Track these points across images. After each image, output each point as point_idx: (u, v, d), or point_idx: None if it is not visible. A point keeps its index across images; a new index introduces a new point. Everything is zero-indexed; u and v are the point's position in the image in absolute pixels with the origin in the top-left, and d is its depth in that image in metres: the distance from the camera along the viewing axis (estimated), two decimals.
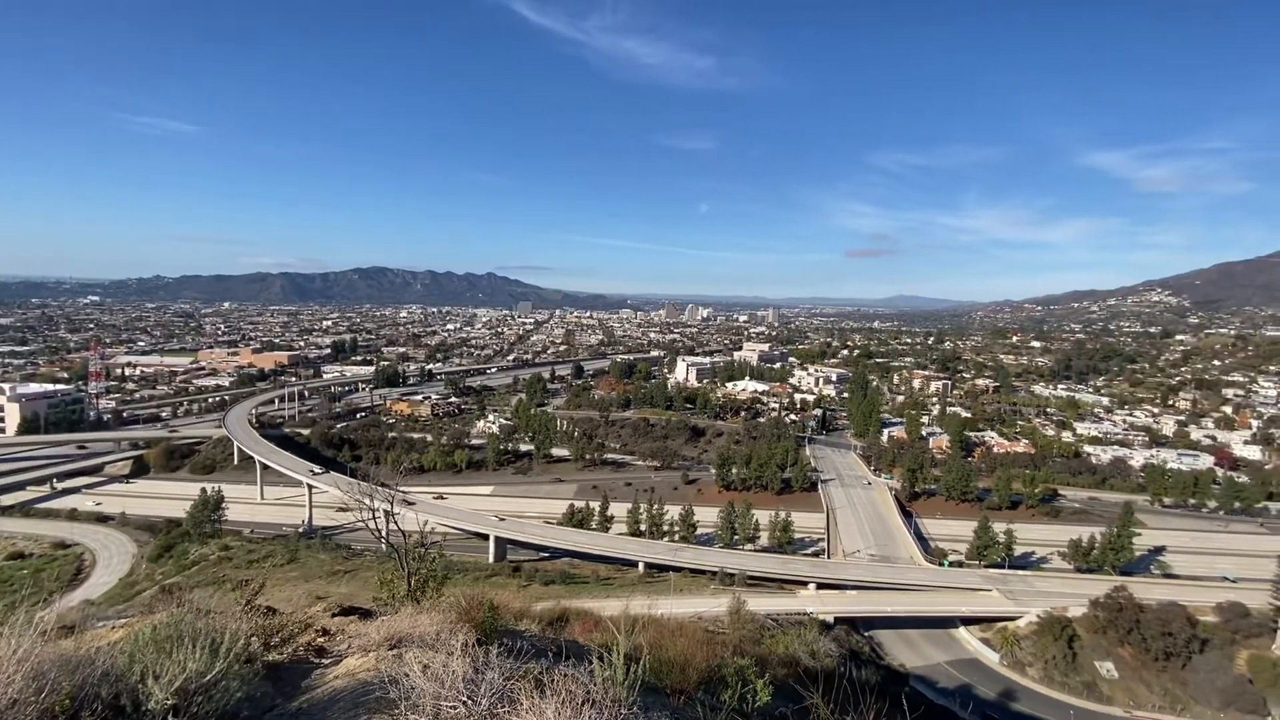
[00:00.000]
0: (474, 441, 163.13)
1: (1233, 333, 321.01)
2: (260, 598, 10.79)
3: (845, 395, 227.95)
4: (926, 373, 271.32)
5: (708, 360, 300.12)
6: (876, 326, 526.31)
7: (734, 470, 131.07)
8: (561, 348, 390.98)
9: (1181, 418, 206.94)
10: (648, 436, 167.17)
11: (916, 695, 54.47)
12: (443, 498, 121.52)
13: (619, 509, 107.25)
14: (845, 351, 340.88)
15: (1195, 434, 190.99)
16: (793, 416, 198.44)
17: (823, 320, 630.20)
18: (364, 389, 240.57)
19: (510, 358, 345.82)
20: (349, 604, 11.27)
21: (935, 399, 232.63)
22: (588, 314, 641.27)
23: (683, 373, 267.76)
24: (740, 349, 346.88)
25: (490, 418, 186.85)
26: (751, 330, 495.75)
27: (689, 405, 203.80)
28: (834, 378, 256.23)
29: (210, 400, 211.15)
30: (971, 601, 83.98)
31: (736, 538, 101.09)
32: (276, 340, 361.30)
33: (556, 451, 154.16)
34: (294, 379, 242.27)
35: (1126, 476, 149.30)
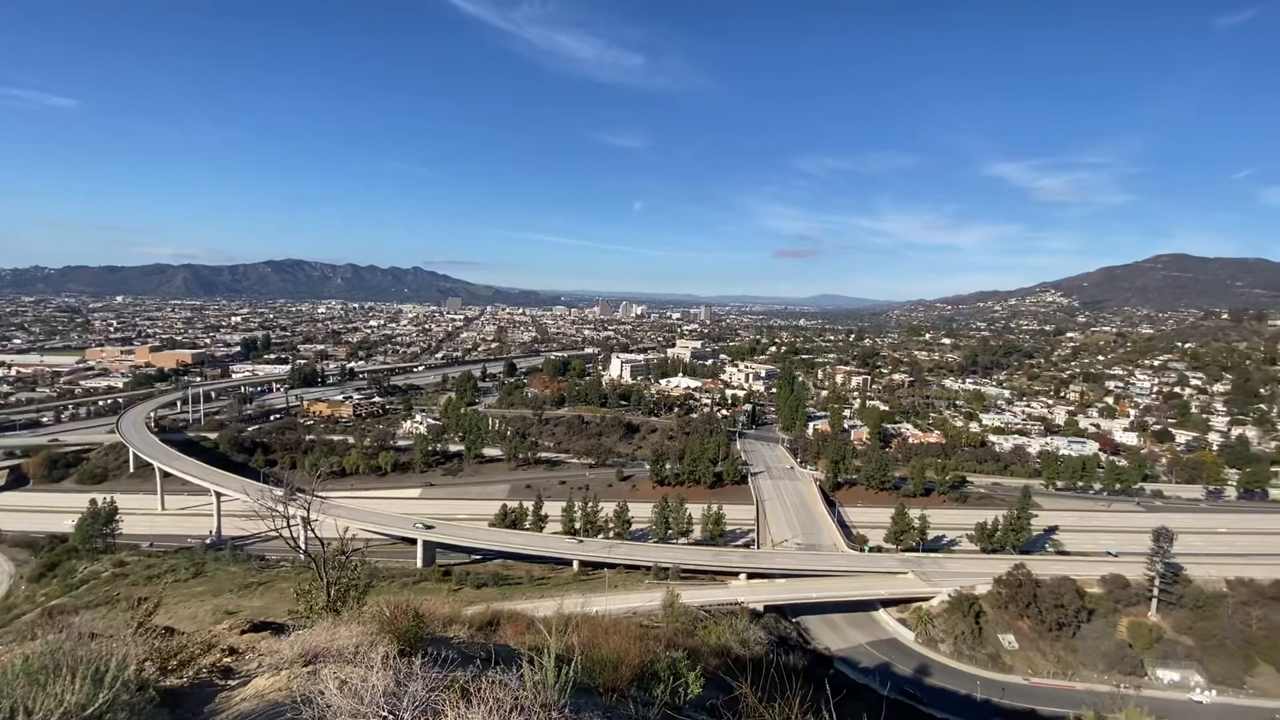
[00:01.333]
0: (400, 443, 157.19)
1: (1114, 331, 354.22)
2: (158, 616, 9.94)
3: (774, 391, 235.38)
4: (848, 368, 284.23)
5: (642, 357, 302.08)
6: (802, 324, 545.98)
7: (668, 466, 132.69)
8: (493, 345, 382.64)
9: (1071, 408, 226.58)
10: (582, 434, 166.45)
11: (840, 676, 57.08)
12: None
13: (553, 508, 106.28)
14: (773, 349, 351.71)
15: (1083, 422, 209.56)
16: (724, 412, 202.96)
17: (752, 318, 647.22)
18: (279, 389, 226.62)
19: (439, 355, 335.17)
20: (261, 619, 10.56)
21: (856, 393, 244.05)
22: (520, 310, 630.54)
23: (617, 370, 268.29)
24: (673, 346, 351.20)
25: (418, 418, 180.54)
26: (684, 328, 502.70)
27: (624, 402, 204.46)
28: (763, 374, 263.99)
29: (101, 403, 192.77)
30: (890, 584, 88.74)
31: (671, 532, 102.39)
32: (179, 338, 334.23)
33: (488, 451, 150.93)
34: (199, 379, 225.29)
35: (1025, 463, 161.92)
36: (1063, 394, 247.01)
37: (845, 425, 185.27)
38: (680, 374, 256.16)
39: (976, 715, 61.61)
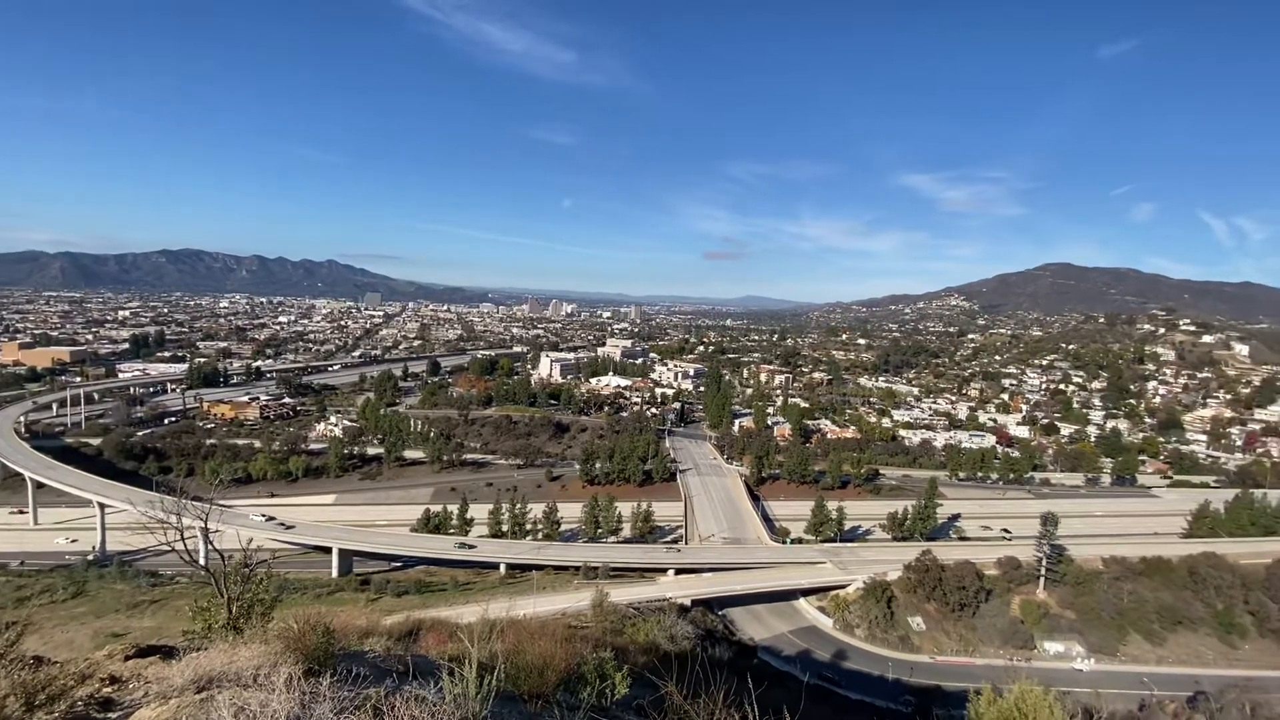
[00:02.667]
0: (313, 446, 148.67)
1: (1009, 333, 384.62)
2: (28, 642, 8.89)
3: (702, 389, 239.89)
4: (772, 367, 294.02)
5: (572, 356, 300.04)
6: (729, 324, 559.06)
7: (598, 465, 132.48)
8: (415, 343, 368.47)
9: (972, 404, 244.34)
10: (510, 434, 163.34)
11: (763, 666, 58.93)
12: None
13: (480, 510, 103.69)
14: (702, 348, 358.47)
15: (982, 417, 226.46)
16: (654, 410, 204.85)
17: (682, 318, 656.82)
18: (175, 390, 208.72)
19: (356, 354, 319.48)
20: (151, 642, 9.66)
21: (779, 391, 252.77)
22: (445, 307, 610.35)
23: (547, 369, 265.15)
24: (604, 345, 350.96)
25: (333, 419, 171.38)
26: (615, 327, 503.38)
27: (553, 401, 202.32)
28: (691, 373, 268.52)
29: None
30: (810, 574, 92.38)
31: (600, 531, 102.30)
32: (54, 333, 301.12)
33: (410, 454, 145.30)
34: (79, 379, 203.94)
35: (932, 456, 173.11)
36: (964, 391, 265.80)
37: (769, 422, 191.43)
38: (611, 373, 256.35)
39: (888, 695, 65.20)
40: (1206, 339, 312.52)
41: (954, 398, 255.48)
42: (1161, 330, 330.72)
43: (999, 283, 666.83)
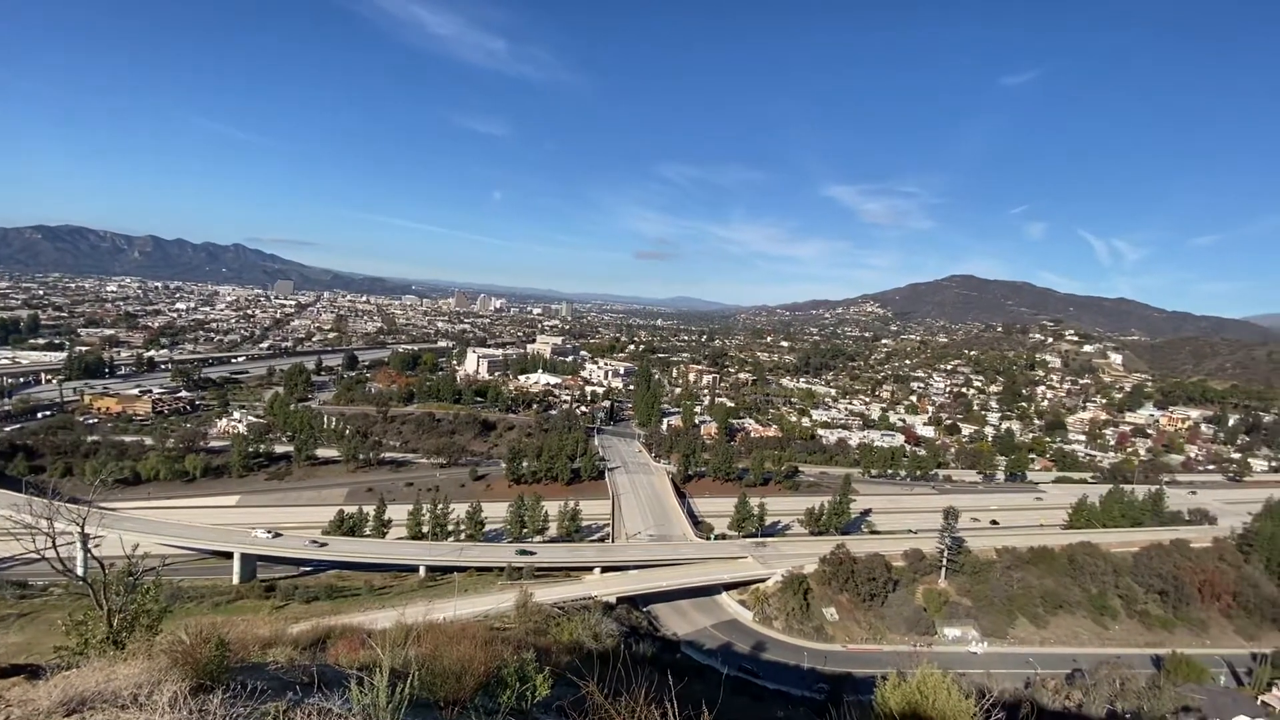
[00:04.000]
0: (214, 444, 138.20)
1: (918, 339, 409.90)
2: None
3: (632, 388, 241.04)
4: (700, 367, 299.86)
5: (500, 353, 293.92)
6: (660, 324, 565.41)
7: (525, 463, 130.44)
8: (331, 335, 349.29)
9: (884, 405, 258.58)
10: (433, 432, 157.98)
11: (686, 660, 60.00)
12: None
13: (399, 511, 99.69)
14: (632, 347, 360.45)
15: (893, 418, 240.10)
16: (583, 408, 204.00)
17: (613, 316, 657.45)
18: (51, 381, 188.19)
19: (264, 345, 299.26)
20: (16, 660, 8.66)
21: (706, 391, 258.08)
22: (364, 298, 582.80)
23: (473, 365, 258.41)
24: (534, 342, 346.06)
25: (236, 415, 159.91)
26: (545, 323, 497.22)
27: (479, 399, 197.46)
28: (622, 371, 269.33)
29: None
30: (732, 569, 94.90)
31: (526, 531, 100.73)
32: None
33: (323, 452, 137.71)
34: None
35: (847, 453, 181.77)
36: (877, 393, 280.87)
37: (696, 421, 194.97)
38: (540, 370, 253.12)
39: (804, 683, 67.95)
40: (1087, 349, 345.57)
41: (868, 399, 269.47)
42: (1050, 340, 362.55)
43: (910, 291, 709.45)
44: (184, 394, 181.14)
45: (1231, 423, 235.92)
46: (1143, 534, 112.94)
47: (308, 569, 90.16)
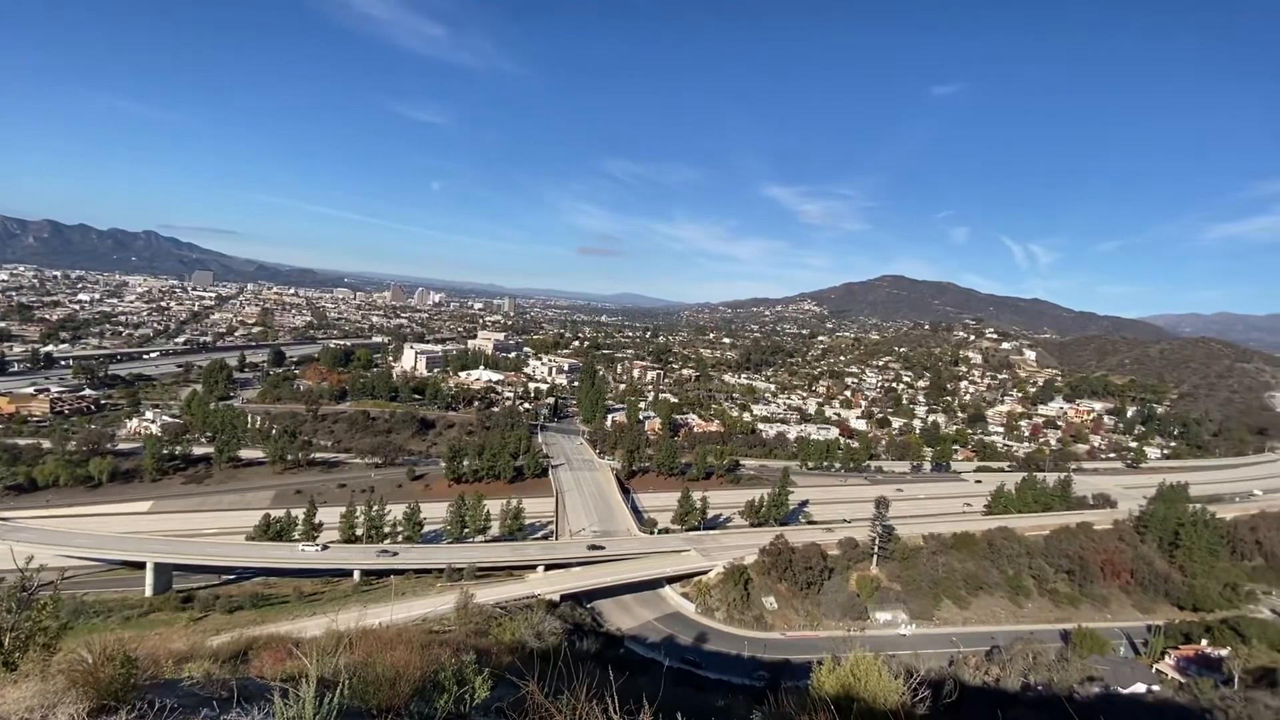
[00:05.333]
0: (123, 446, 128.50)
1: (852, 336, 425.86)
2: None
3: (576, 384, 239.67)
4: (644, 363, 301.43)
5: (440, 348, 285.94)
6: (605, 321, 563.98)
7: (465, 462, 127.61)
8: (256, 329, 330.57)
9: (820, 400, 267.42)
10: (368, 431, 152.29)
11: (630, 654, 60.31)
12: None
13: (332, 514, 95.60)
14: (577, 343, 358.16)
15: (829, 412, 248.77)
16: (527, 405, 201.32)
17: (557, 312, 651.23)
18: None
19: (180, 340, 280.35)
20: None
21: (651, 387, 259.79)
22: (292, 291, 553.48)
23: (411, 361, 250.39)
24: (475, 337, 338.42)
25: (149, 415, 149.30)
26: (487, 319, 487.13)
27: (417, 396, 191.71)
28: (566, 367, 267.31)
29: None
30: (675, 562, 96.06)
31: (467, 531, 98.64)
32: None
33: (247, 454, 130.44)
34: None
35: (785, 447, 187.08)
36: (814, 388, 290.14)
37: (640, 417, 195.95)
38: (482, 366, 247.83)
39: (744, 672, 69.60)
40: (1005, 346, 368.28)
41: (805, 394, 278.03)
42: (972, 338, 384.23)
43: (845, 290, 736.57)
44: (88, 393, 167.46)
45: (1129, 414, 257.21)
46: (1053, 518, 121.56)
47: (230, 577, 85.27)
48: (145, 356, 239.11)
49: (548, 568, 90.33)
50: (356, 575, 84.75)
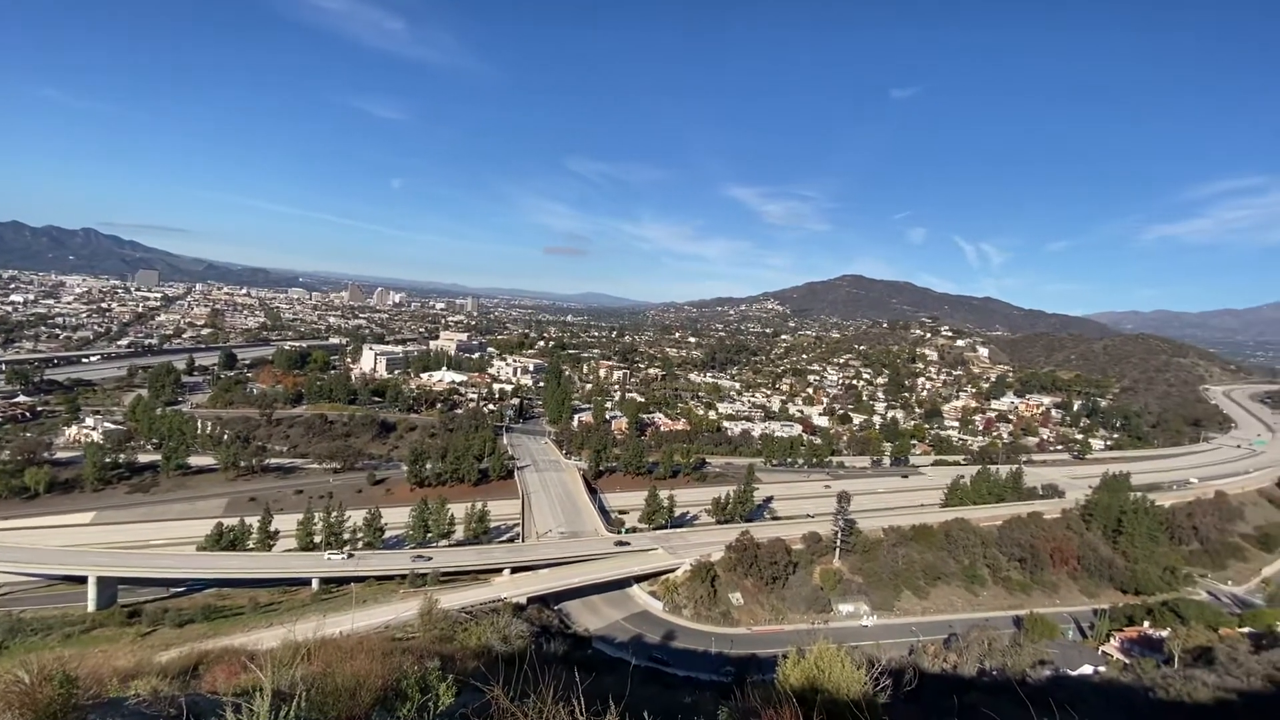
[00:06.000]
0: (61, 455, 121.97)
1: (814, 335, 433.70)
2: None
3: (542, 385, 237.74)
4: (610, 363, 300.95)
5: (400, 349, 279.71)
6: (570, 320, 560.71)
7: (428, 465, 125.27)
8: (205, 331, 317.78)
9: (784, 397, 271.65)
10: (326, 435, 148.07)
11: (597, 655, 60.14)
12: None
13: (288, 521, 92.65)
14: (542, 343, 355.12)
15: (792, 409, 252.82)
16: (491, 406, 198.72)
17: (522, 312, 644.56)
18: None
19: (123, 343, 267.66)
20: None
21: (617, 386, 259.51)
22: (244, 291, 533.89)
23: (370, 363, 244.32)
24: (437, 338, 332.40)
25: (90, 422, 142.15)
26: (450, 319, 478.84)
27: (377, 399, 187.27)
28: (531, 368, 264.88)
29: None
30: (643, 561, 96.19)
31: (431, 535, 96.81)
32: None
33: (197, 461, 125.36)
34: None
35: (750, 444, 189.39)
36: (778, 386, 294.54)
37: (607, 416, 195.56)
38: (444, 367, 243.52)
39: (712, 668, 70.17)
40: (960, 343, 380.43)
41: (769, 392, 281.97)
42: (928, 335, 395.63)
43: (807, 290, 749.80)
44: (22, 399, 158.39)
45: (1075, 408, 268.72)
46: (1005, 508, 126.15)
47: (180, 589, 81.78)
48: (85, 360, 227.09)
49: (514, 570, 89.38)
50: (315, 584, 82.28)
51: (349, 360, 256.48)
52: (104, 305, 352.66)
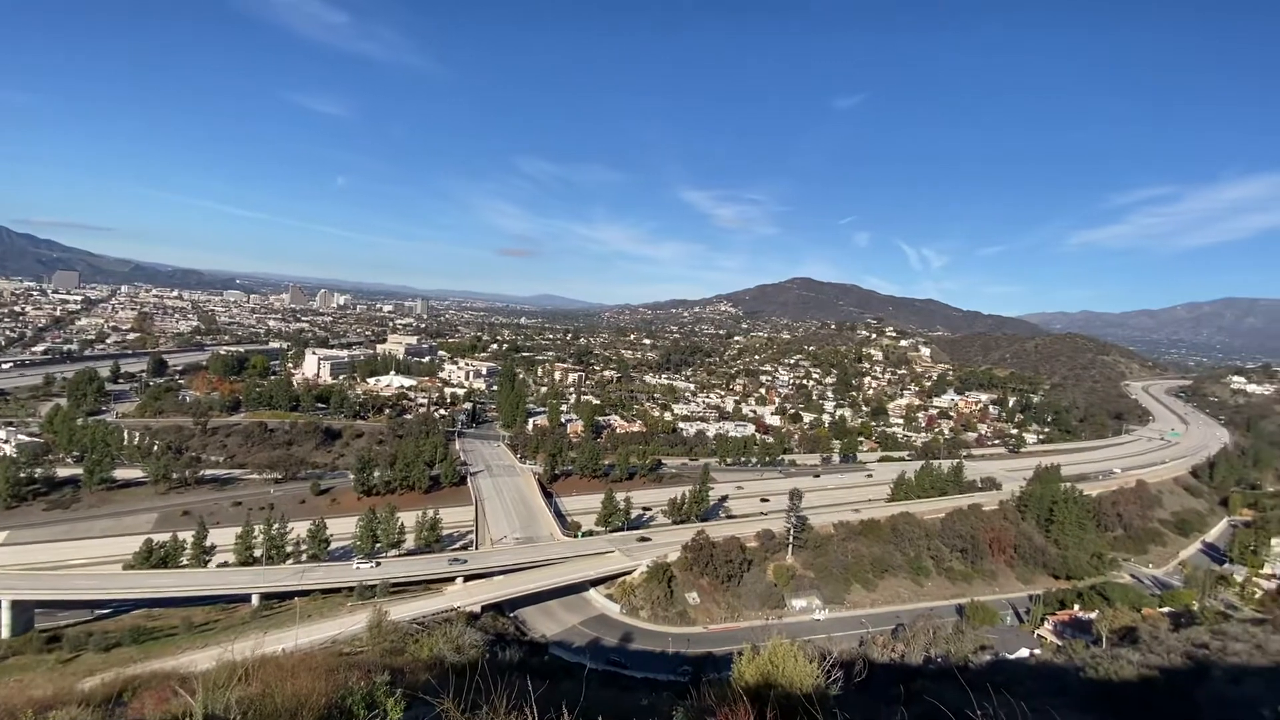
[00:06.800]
0: None
1: (766, 336, 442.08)
2: None
3: (495, 388, 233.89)
4: (565, 365, 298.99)
5: (346, 354, 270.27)
6: (524, 323, 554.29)
7: (376, 473, 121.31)
8: (132, 336, 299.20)
9: (737, 398, 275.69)
10: (266, 444, 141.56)
11: (554, 660, 59.55)
12: None
13: (225, 535, 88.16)
14: (495, 346, 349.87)
15: (745, 409, 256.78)
16: (443, 411, 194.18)
17: (474, 315, 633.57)
18: None
19: (39, 349, 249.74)
20: None
21: (572, 389, 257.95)
22: (175, 293, 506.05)
23: (313, 368, 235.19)
24: (385, 341, 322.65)
25: (1, 434, 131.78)
26: (398, 322, 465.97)
27: (321, 405, 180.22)
28: (484, 371, 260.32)
29: None
30: (599, 564, 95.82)
31: (380, 545, 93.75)
32: None
33: (124, 474, 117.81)
34: None
35: (705, 444, 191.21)
36: (731, 386, 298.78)
37: (562, 419, 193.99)
38: (393, 372, 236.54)
39: (669, 668, 70.50)
40: (903, 343, 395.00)
41: (723, 392, 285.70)
42: (874, 336, 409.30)
43: (759, 292, 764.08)
44: None
45: (1010, 404, 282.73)
46: (947, 501, 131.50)
47: (106, 612, 76.70)
48: None
49: (468, 578, 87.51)
50: (255, 600, 78.55)
51: (290, 365, 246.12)
52: (17, 308, 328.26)
